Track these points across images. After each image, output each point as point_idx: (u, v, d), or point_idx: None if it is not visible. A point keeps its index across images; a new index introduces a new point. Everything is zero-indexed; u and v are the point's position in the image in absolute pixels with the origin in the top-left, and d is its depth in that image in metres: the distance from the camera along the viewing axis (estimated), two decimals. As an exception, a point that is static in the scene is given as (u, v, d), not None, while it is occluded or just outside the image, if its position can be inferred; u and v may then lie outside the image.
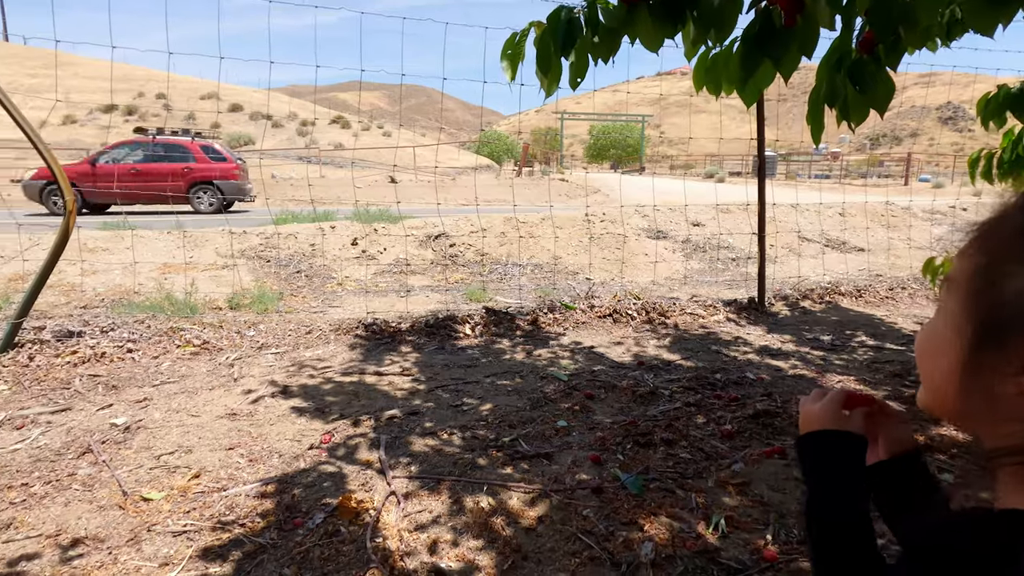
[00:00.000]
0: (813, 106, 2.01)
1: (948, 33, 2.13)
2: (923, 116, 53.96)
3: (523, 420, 2.61)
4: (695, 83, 2.17)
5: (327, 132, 32.64)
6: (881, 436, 0.67)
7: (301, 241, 6.12)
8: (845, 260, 6.64)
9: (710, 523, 1.82)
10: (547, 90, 2.11)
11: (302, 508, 1.89)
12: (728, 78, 1.94)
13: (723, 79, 2.05)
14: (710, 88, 2.05)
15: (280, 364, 3.31)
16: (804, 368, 3.42)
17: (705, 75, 2.09)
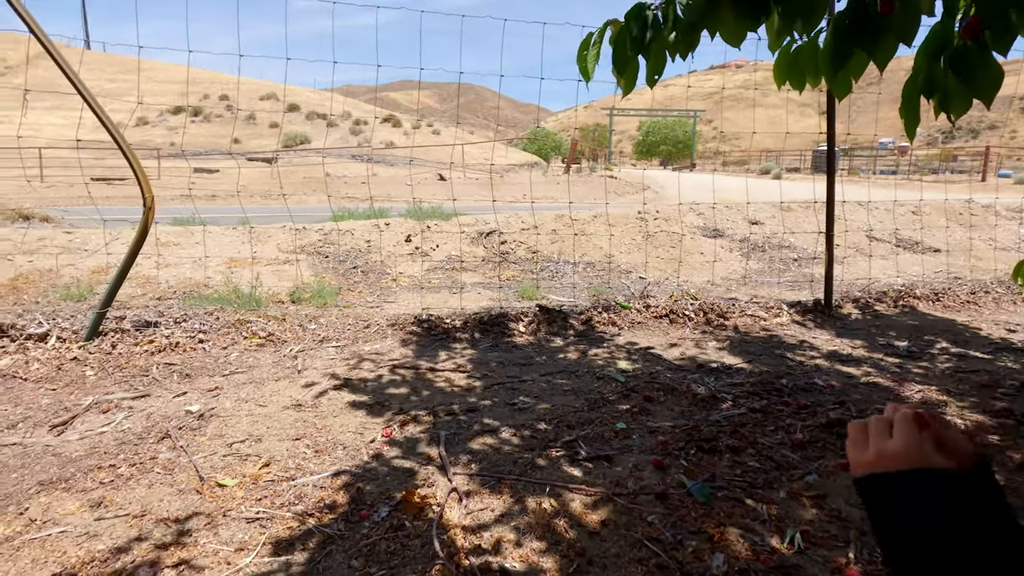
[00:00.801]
0: (908, 97, 1.87)
1: None
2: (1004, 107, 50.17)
3: (581, 421, 2.58)
4: (776, 78, 2.07)
5: (379, 131, 33.41)
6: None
7: (357, 237, 6.27)
8: (920, 261, 6.24)
9: (784, 536, 1.73)
10: (624, 89, 2.06)
11: (367, 501, 1.93)
12: (814, 70, 1.84)
13: (808, 72, 1.94)
14: (793, 82, 1.95)
15: (340, 357, 3.39)
16: (878, 376, 3.23)
17: (788, 69, 1.99)
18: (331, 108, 33.77)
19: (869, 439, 0.58)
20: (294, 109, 35.11)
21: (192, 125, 33.10)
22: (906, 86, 1.87)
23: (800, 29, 1.80)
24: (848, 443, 0.60)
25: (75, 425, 2.48)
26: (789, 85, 1.97)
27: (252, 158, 26.23)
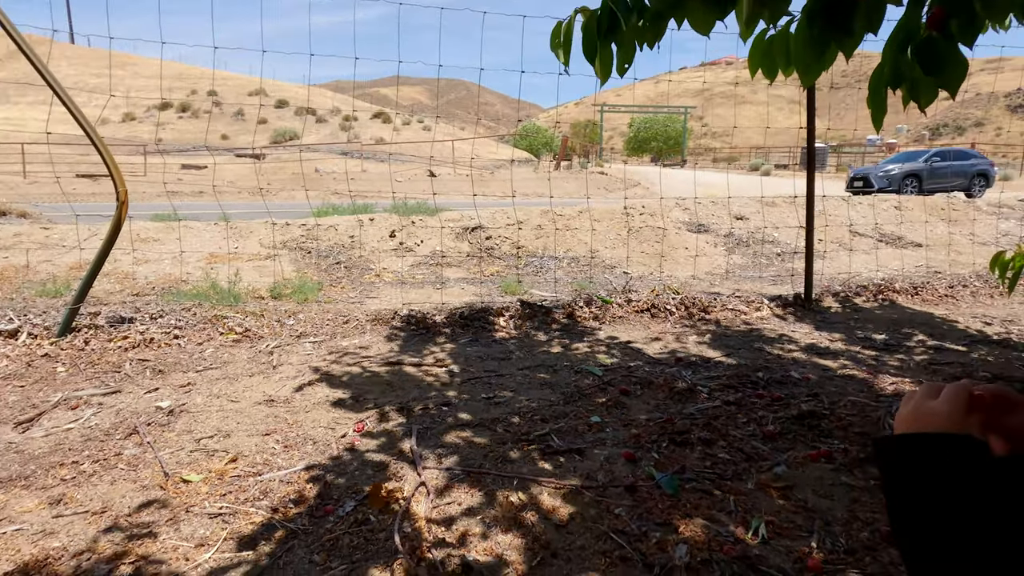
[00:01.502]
0: (874, 89, 1.87)
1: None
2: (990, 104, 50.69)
3: (556, 415, 2.57)
4: (750, 67, 2.06)
5: (369, 127, 33.24)
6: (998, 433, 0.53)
7: (341, 233, 6.23)
8: (901, 256, 6.29)
9: (750, 527, 1.73)
10: (600, 77, 2.04)
11: (333, 495, 1.91)
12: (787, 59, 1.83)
13: (780, 61, 1.93)
14: (765, 72, 1.94)
15: (318, 353, 3.37)
16: (855, 368, 3.25)
17: (761, 59, 1.98)
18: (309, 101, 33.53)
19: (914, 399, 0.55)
20: (283, 105, 34.85)
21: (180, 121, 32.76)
22: (873, 77, 1.87)
23: (767, 19, 1.79)
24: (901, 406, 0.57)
25: (41, 422, 2.44)
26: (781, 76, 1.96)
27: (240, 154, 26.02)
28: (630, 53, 1.92)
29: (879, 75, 1.87)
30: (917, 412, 0.53)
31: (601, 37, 1.84)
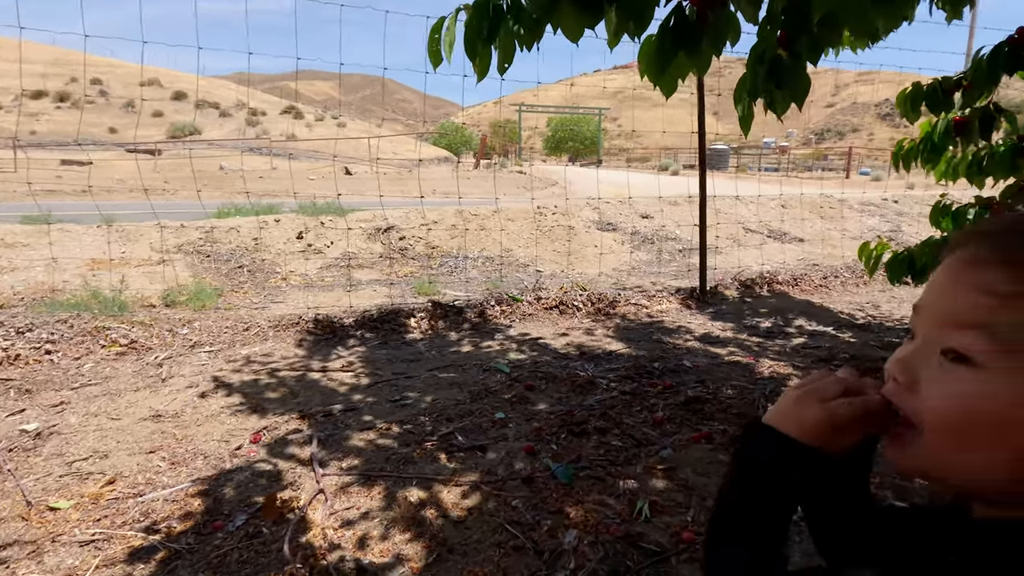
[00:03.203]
0: (738, 98, 2.06)
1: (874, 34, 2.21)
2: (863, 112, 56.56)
3: (462, 413, 2.61)
4: (639, 71, 2.19)
5: (279, 122, 31.60)
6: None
7: (243, 235, 5.91)
8: (784, 250, 6.90)
9: (635, 508, 1.86)
10: (478, 75, 2.09)
11: (224, 510, 1.84)
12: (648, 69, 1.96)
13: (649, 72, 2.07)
14: (650, 78, 2.07)
15: (214, 363, 3.20)
16: (740, 355, 3.54)
17: (646, 67, 2.11)
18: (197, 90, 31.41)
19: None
20: (181, 97, 32.38)
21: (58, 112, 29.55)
22: (738, 87, 2.06)
23: (632, 31, 1.92)
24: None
25: None
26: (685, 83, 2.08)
27: (132, 149, 23.89)
28: (510, 54, 1.99)
29: (743, 86, 2.06)
30: (792, 407, 0.51)
31: (484, 36, 1.89)
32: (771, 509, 0.51)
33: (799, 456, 0.49)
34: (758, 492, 0.51)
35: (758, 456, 0.51)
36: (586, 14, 1.83)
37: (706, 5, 1.69)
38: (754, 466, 0.52)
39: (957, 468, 0.43)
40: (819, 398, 0.49)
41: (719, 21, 1.71)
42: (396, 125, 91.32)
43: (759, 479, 0.51)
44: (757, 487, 0.51)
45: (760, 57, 2.02)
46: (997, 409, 0.39)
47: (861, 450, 0.54)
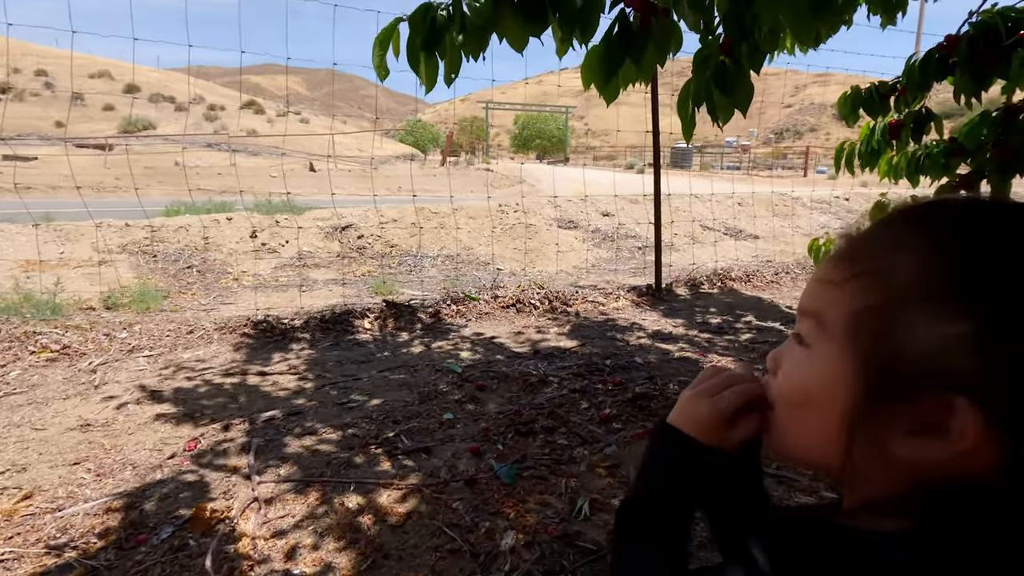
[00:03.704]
0: (681, 103, 2.07)
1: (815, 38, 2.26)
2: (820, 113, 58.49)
3: (409, 415, 2.58)
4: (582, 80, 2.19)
5: (239, 117, 30.71)
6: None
7: (193, 234, 5.72)
8: (739, 247, 7.06)
9: (575, 507, 1.86)
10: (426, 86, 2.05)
11: (149, 523, 1.76)
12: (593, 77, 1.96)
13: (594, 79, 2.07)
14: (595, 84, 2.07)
15: (152, 368, 3.07)
16: (691, 351, 3.60)
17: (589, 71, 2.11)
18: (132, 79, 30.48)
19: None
20: (133, 90, 31.13)
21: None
22: (681, 93, 2.07)
23: (579, 38, 1.92)
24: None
25: None
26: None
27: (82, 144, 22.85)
28: (456, 63, 1.96)
29: (686, 91, 2.07)
30: (686, 405, 0.52)
31: (424, 48, 1.86)
32: (674, 507, 0.52)
33: (698, 454, 0.51)
34: (663, 490, 0.53)
35: (662, 455, 0.53)
36: (530, 23, 1.82)
37: (649, 12, 1.70)
38: (659, 465, 0.54)
39: (798, 445, 0.45)
40: (708, 394, 0.51)
41: (663, 29, 1.72)
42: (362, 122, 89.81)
43: (664, 477, 0.53)
44: (662, 485, 0.53)
45: (704, 63, 2.04)
46: (819, 385, 0.41)
47: (753, 447, 0.56)
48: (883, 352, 0.36)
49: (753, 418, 0.50)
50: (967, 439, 0.33)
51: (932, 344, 0.33)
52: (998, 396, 0.32)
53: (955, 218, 0.37)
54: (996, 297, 0.32)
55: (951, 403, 0.33)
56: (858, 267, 0.38)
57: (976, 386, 0.32)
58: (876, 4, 2.42)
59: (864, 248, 0.39)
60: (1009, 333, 0.32)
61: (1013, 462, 0.32)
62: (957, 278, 0.34)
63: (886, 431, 0.36)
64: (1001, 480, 0.33)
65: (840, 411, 0.38)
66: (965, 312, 0.33)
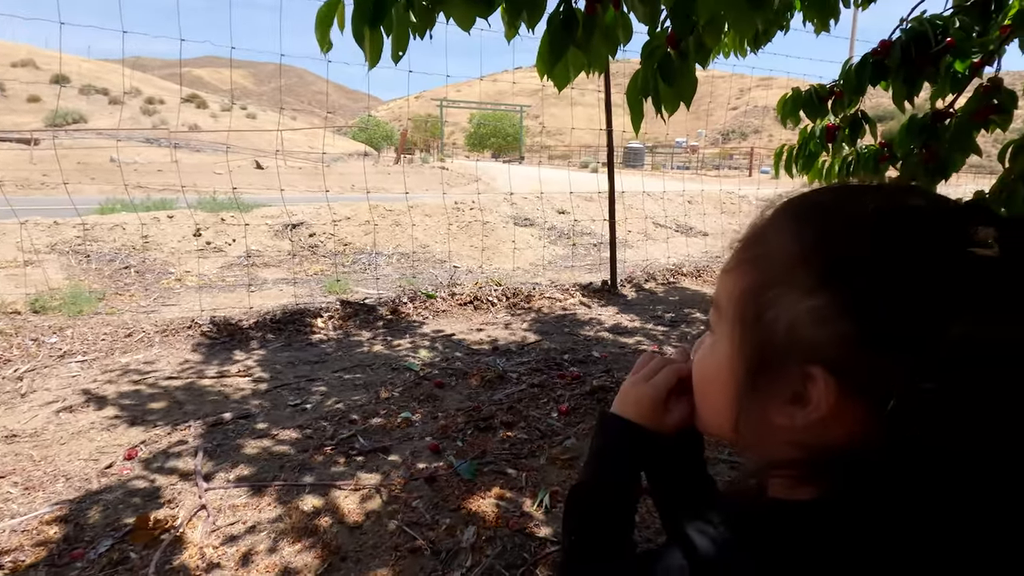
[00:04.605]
0: (630, 95, 2.10)
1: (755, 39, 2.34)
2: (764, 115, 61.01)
3: (366, 415, 2.52)
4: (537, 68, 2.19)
5: (180, 112, 29.29)
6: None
7: (131, 232, 5.42)
8: (689, 244, 7.27)
9: (536, 500, 1.87)
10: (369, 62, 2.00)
11: (86, 537, 1.65)
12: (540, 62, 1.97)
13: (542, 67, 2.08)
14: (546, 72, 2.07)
15: (87, 374, 2.89)
16: (646, 344, 3.68)
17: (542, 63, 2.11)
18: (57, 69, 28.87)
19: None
20: (62, 80, 29.21)
21: (-94, 93, 25.75)
22: (630, 85, 2.10)
23: (526, 22, 1.92)
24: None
25: None
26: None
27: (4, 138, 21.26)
28: (403, 41, 1.92)
29: (634, 83, 2.11)
30: (625, 393, 0.55)
31: (369, 21, 1.82)
32: (619, 491, 0.54)
33: (640, 438, 0.53)
34: (609, 474, 0.55)
35: (607, 442, 0.55)
36: (477, 4, 1.81)
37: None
38: (604, 451, 0.55)
39: (710, 422, 0.48)
40: (644, 379, 0.55)
41: (612, 18, 1.73)
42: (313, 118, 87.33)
43: (609, 462, 0.55)
44: (608, 469, 0.55)
45: (651, 55, 2.08)
46: (716, 364, 0.44)
47: (692, 431, 0.56)
48: (759, 329, 0.38)
49: (685, 401, 0.52)
50: (823, 406, 0.35)
51: (794, 318, 0.36)
52: (851, 365, 0.34)
53: (817, 204, 0.40)
54: (846, 272, 0.34)
55: (810, 372, 0.35)
56: (744, 254, 0.42)
57: (831, 356, 0.34)
58: (811, 10, 2.53)
59: (749, 237, 0.42)
60: (857, 306, 0.34)
61: (875, 429, 0.34)
62: (814, 257, 0.36)
63: (766, 402, 0.38)
64: (867, 447, 0.34)
65: (732, 387, 0.42)
66: (820, 287, 0.35)
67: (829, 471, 0.36)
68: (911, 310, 0.33)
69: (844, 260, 0.35)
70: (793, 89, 3.33)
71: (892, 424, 0.33)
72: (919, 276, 0.33)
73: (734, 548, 0.35)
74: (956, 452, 0.32)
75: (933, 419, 0.32)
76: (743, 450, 0.43)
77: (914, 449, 0.33)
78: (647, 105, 2.11)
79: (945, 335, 0.31)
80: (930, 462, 0.33)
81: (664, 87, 2.15)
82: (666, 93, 2.17)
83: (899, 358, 0.33)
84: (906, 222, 0.35)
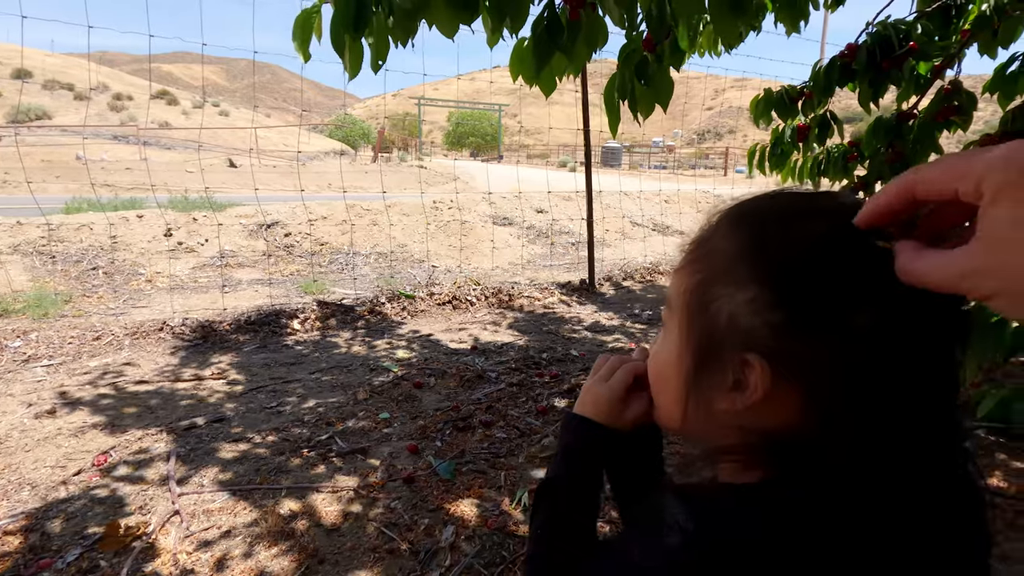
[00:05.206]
0: (607, 97, 2.12)
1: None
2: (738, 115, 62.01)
3: (344, 416, 2.50)
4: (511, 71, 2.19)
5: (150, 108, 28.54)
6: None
7: (98, 233, 5.27)
8: (666, 242, 7.36)
9: (514, 498, 1.88)
10: (349, 72, 1.99)
11: (53, 546, 1.61)
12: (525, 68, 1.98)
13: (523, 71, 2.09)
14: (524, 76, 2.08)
15: (54, 378, 2.81)
16: (624, 341, 3.72)
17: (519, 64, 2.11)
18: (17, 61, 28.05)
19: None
20: (24, 75, 28.25)
21: None
22: (607, 87, 2.12)
23: (510, 27, 1.92)
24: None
25: None
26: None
27: (-38, 135, 20.42)
28: (383, 50, 1.91)
29: (612, 86, 2.13)
30: (586, 392, 0.57)
31: (350, 30, 1.80)
32: (583, 485, 0.56)
33: (601, 435, 0.56)
34: (574, 470, 0.57)
35: (571, 441, 0.58)
36: (460, 11, 1.80)
37: (578, 4, 1.72)
38: (568, 449, 0.58)
39: (664, 415, 0.50)
40: (603, 379, 0.57)
41: (592, 22, 1.75)
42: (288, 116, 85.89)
43: (575, 459, 0.57)
44: (574, 466, 0.57)
45: (628, 58, 2.10)
46: (666, 358, 0.46)
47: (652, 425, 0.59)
48: (703, 320, 0.41)
49: (642, 396, 0.55)
50: (760, 390, 0.38)
51: (733, 309, 0.39)
52: (782, 352, 0.37)
53: (753, 209, 0.42)
54: (775, 266, 0.37)
55: (747, 359, 0.38)
56: (691, 255, 0.44)
57: (764, 343, 0.37)
58: (782, 12, 2.59)
59: (697, 239, 0.45)
60: (785, 297, 0.37)
61: (809, 411, 0.37)
62: (748, 252, 0.39)
63: (711, 390, 0.41)
64: (802, 429, 0.37)
65: (681, 376, 0.44)
66: (754, 282, 0.38)
67: (770, 454, 0.38)
68: (830, 299, 0.35)
69: (774, 257, 0.38)
70: (765, 90, 3.40)
71: (821, 406, 0.36)
72: (833, 268, 0.36)
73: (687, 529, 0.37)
74: (880, 428, 0.35)
75: (856, 399, 0.35)
76: (692, 438, 0.46)
77: (843, 429, 0.36)
78: (624, 106, 2.13)
79: (859, 320, 0.35)
80: (858, 440, 0.35)
81: (641, 90, 2.18)
82: (643, 95, 2.20)
83: (823, 343, 0.36)
84: (822, 222, 0.38)
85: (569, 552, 0.54)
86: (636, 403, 0.55)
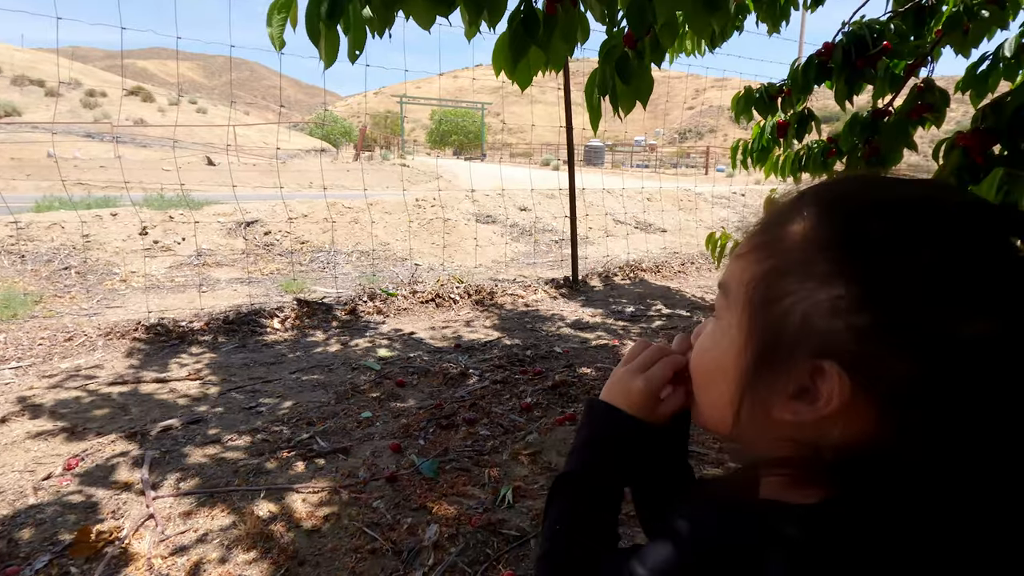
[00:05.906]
0: (588, 93, 2.12)
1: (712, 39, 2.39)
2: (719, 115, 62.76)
3: (325, 416, 2.47)
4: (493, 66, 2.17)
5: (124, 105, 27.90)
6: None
7: (70, 231, 5.13)
8: (648, 240, 7.41)
9: (498, 496, 1.87)
10: (325, 61, 1.95)
11: (21, 553, 1.56)
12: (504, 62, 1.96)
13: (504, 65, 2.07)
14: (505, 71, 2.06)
15: (22, 381, 2.72)
16: (607, 338, 3.72)
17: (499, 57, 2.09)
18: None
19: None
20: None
21: None
22: (588, 84, 2.12)
23: (487, 20, 1.91)
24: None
25: None
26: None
27: (-74, 131, 19.79)
28: (361, 39, 1.88)
29: (592, 82, 2.12)
30: (617, 381, 0.53)
31: (325, 18, 1.77)
32: (608, 481, 0.53)
33: (631, 428, 0.52)
34: (597, 464, 0.53)
35: (597, 431, 0.53)
36: (437, 3, 1.78)
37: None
38: (594, 440, 0.54)
39: (710, 414, 0.46)
40: (640, 369, 0.52)
41: (570, 18, 1.74)
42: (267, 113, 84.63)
43: (598, 452, 0.53)
44: (597, 459, 0.53)
45: (608, 54, 2.09)
46: (722, 352, 0.42)
47: (682, 420, 0.56)
48: (770, 317, 0.36)
49: (680, 391, 0.51)
50: (833, 403, 0.33)
51: (809, 308, 0.34)
52: (865, 361, 0.32)
53: (838, 192, 0.38)
54: (866, 264, 0.33)
55: (820, 367, 0.33)
56: (757, 239, 0.40)
57: (845, 351, 0.33)
58: (763, 12, 2.61)
59: (765, 222, 0.41)
60: (876, 298, 0.32)
61: (888, 428, 0.33)
62: (833, 245, 0.34)
63: (770, 396, 0.36)
64: (878, 448, 0.33)
65: (735, 378, 0.39)
66: (837, 278, 0.33)
67: (836, 472, 0.34)
68: (934, 306, 0.31)
69: (866, 250, 0.33)
70: (746, 88, 3.43)
71: (905, 424, 0.32)
72: (944, 271, 0.31)
73: (745, 550, 0.33)
74: (969, 454, 0.31)
75: (949, 420, 0.31)
76: (739, 445, 0.41)
77: (928, 451, 0.31)
78: (605, 104, 2.12)
79: (969, 334, 0.30)
80: (945, 464, 0.31)
81: (621, 86, 2.18)
82: (623, 92, 2.19)
83: (918, 356, 0.31)
84: (935, 215, 0.33)
85: (591, 548, 0.50)
86: (672, 398, 0.51)
